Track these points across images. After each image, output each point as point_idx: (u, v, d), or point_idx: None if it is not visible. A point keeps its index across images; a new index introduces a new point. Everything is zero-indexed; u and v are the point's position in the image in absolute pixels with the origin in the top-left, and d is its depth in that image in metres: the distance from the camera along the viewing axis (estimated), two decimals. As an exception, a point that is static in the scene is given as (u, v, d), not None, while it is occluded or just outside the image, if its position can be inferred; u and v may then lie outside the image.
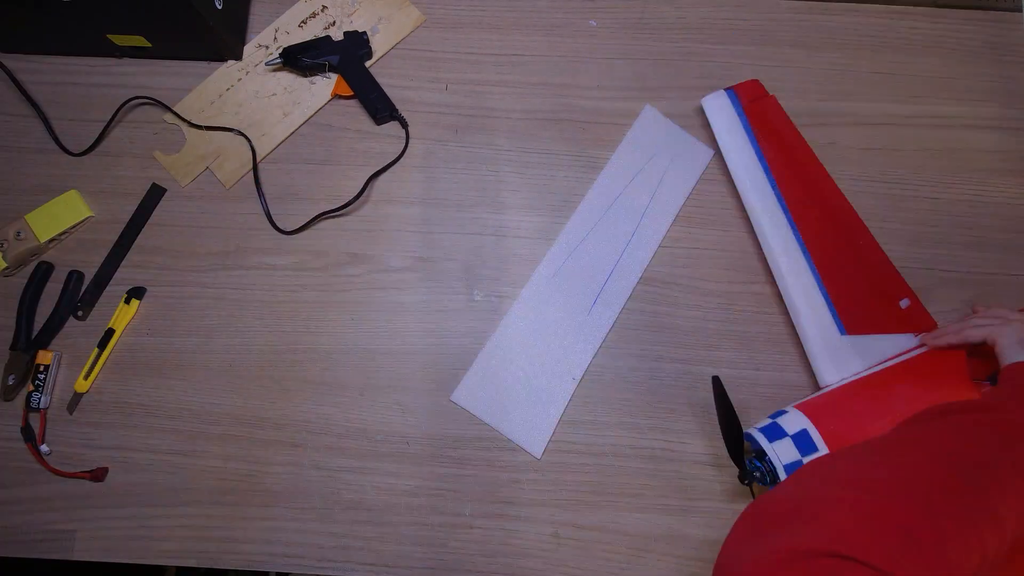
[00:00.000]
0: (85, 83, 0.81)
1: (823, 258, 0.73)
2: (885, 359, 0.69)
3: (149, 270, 0.77)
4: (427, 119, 0.81)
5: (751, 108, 0.77)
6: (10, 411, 0.73)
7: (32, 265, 0.77)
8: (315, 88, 0.81)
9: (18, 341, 0.74)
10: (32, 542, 0.71)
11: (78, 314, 0.76)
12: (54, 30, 0.76)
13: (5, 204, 0.78)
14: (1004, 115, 0.81)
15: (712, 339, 0.75)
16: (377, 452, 0.72)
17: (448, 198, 0.79)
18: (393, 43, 0.83)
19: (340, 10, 0.84)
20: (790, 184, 0.75)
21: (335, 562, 0.70)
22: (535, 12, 0.84)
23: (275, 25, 0.83)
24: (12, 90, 0.81)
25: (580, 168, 0.79)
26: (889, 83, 0.81)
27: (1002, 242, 0.77)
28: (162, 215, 0.79)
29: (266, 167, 0.79)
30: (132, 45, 0.79)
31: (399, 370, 0.74)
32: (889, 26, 0.83)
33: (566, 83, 0.82)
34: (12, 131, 0.81)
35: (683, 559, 0.69)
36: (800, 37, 0.83)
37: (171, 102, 0.81)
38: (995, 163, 0.79)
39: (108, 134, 0.80)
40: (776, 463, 0.62)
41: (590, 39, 0.83)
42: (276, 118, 0.80)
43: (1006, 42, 0.83)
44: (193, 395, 0.74)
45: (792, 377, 0.74)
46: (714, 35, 0.83)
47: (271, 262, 0.77)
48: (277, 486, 0.72)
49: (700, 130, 0.80)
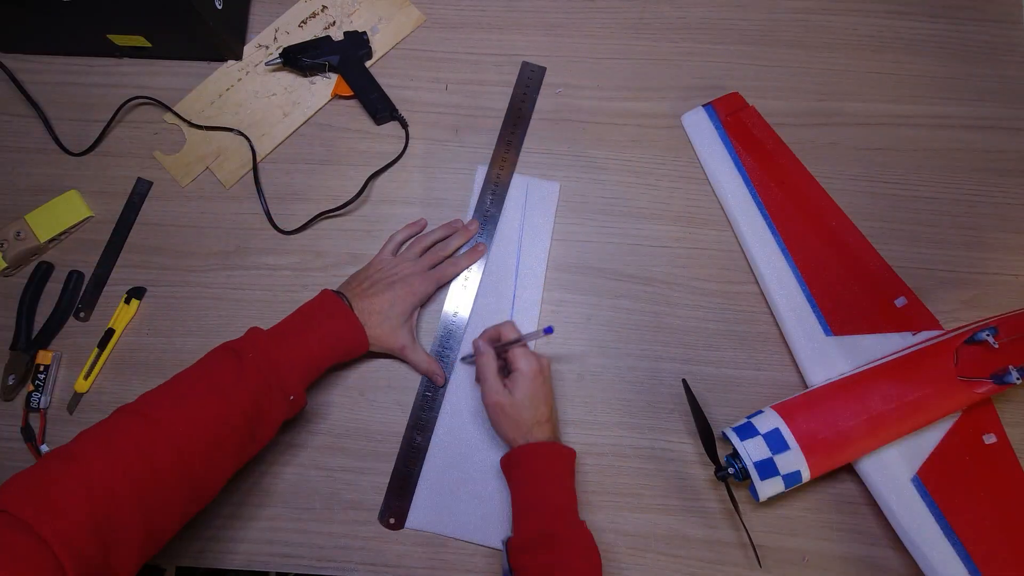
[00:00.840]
0: (85, 83, 0.81)
1: (807, 261, 0.73)
2: (875, 359, 0.69)
3: (149, 270, 0.77)
4: (427, 119, 0.81)
5: (730, 121, 0.78)
6: (10, 411, 0.73)
7: (32, 265, 0.77)
8: (315, 88, 0.81)
9: (18, 341, 0.74)
10: (32, 542, 0.71)
11: (79, 315, 0.76)
12: (54, 30, 0.76)
13: (5, 204, 0.79)
14: (1004, 115, 0.81)
15: (712, 339, 0.75)
16: (377, 452, 0.72)
17: (448, 198, 0.79)
18: (393, 43, 0.83)
19: (340, 10, 0.84)
20: (771, 192, 0.76)
21: (335, 562, 0.70)
22: (535, 12, 0.84)
23: (275, 25, 0.83)
24: (12, 90, 0.81)
25: (580, 168, 0.79)
26: (889, 83, 0.81)
27: (1002, 242, 0.77)
28: (162, 215, 0.79)
29: (266, 167, 0.79)
30: (132, 45, 0.79)
31: (399, 370, 0.74)
32: (889, 26, 0.83)
33: (566, 83, 0.82)
34: (12, 131, 0.81)
35: (683, 559, 0.69)
36: (800, 37, 0.83)
37: (171, 102, 0.81)
38: (995, 163, 0.79)
39: (108, 134, 0.80)
40: (747, 461, 0.63)
41: (590, 39, 0.83)
42: (276, 118, 0.80)
43: (1006, 42, 0.83)
44: (193, 395, 0.73)
45: (793, 377, 0.74)
46: (714, 35, 0.83)
47: (271, 262, 0.77)
48: (277, 486, 0.72)
49: (700, 130, 0.80)
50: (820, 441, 0.63)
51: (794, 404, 0.66)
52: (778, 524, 0.70)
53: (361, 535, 0.70)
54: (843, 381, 0.67)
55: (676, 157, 0.80)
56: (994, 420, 0.68)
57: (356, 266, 0.76)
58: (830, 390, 0.67)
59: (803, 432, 0.63)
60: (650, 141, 0.80)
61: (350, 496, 0.71)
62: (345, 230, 0.78)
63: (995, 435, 0.67)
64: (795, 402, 0.66)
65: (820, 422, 0.64)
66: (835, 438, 0.63)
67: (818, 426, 0.64)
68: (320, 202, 0.78)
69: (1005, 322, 0.67)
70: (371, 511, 0.71)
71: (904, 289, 0.73)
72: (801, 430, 0.63)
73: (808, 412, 0.65)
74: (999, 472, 0.66)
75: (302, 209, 0.78)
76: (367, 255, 0.77)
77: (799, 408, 0.65)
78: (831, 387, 0.67)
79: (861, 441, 0.64)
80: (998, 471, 0.66)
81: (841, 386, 0.67)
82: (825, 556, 0.69)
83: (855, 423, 0.64)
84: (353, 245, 0.77)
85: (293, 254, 0.77)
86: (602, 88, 0.82)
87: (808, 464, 0.63)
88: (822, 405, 0.65)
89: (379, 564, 0.70)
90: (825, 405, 0.65)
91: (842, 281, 0.73)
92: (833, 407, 0.65)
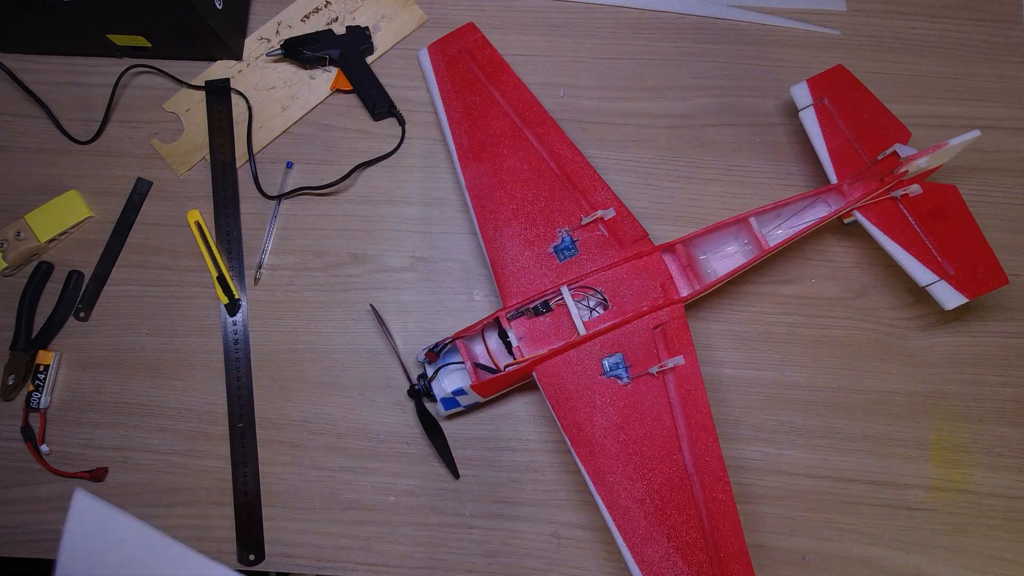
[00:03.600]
0: (85, 83, 0.81)
1: (486, 209, 0.72)
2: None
3: (149, 270, 0.77)
4: (427, 119, 0.81)
5: (452, 59, 0.77)
6: (10, 411, 0.73)
7: (32, 265, 0.77)
8: (314, 83, 0.81)
9: (18, 341, 0.74)
10: (32, 542, 0.71)
11: (79, 315, 0.76)
12: (54, 30, 0.76)
13: (5, 204, 0.78)
14: (1004, 115, 0.81)
15: (712, 339, 0.75)
16: (377, 452, 0.72)
17: (448, 198, 0.79)
18: (395, 42, 0.83)
19: (343, 6, 0.84)
20: (469, 136, 0.74)
21: (335, 562, 0.70)
22: (535, 12, 0.84)
23: (278, 19, 0.83)
24: (13, 90, 0.81)
25: (580, 168, 0.79)
26: (889, 83, 0.81)
27: (1002, 242, 0.77)
28: (162, 215, 0.79)
29: (264, 165, 0.79)
30: (132, 45, 0.79)
31: (399, 370, 0.74)
32: (889, 26, 0.83)
33: (566, 83, 0.82)
34: (12, 131, 0.81)
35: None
36: (800, 37, 0.83)
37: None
38: (995, 163, 0.79)
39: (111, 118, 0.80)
40: (436, 389, 0.68)
41: (590, 39, 0.83)
42: (275, 111, 0.80)
43: (1006, 42, 0.83)
44: (193, 395, 0.74)
45: (793, 377, 0.74)
46: (714, 35, 0.83)
47: (271, 262, 0.77)
48: (277, 486, 0.72)
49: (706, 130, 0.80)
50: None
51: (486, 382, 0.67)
52: (778, 524, 0.70)
53: (361, 535, 0.70)
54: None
55: (676, 157, 0.80)
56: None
57: (356, 266, 0.76)
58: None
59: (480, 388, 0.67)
60: (650, 141, 0.80)
61: (350, 496, 0.71)
62: (344, 229, 0.78)
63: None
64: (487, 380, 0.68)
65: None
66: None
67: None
68: (320, 201, 0.78)
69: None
70: (371, 511, 0.71)
71: (613, 198, 0.71)
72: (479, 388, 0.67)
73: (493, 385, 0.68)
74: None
75: (302, 208, 0.78)
76: (367, 255, 0.77)
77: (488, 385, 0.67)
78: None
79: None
80: None
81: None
82: (825, 556, 0.69)
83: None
84: (353, 245, 0.77)
85: (293, 254, 0.77)
86: (602, 88, 0.82)
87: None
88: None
89: (379, 564, 0.70)
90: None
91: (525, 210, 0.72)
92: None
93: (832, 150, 0.72)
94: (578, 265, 0.69)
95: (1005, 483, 0.72)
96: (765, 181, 0.79)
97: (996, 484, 0.72)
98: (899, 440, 0.73)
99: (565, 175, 0.72)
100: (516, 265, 0.69)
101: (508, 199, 0.71)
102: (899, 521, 0.71)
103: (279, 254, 0.77)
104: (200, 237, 0.76)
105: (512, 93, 0.76)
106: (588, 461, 0.64)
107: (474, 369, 0.67)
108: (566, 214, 0.71)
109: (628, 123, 0.81)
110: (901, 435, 0.73)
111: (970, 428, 0.73)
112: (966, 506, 0.71)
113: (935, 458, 0.72)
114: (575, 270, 0.68)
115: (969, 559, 0.70)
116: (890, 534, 0.70)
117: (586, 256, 0.69)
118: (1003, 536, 0.71)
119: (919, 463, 0.72)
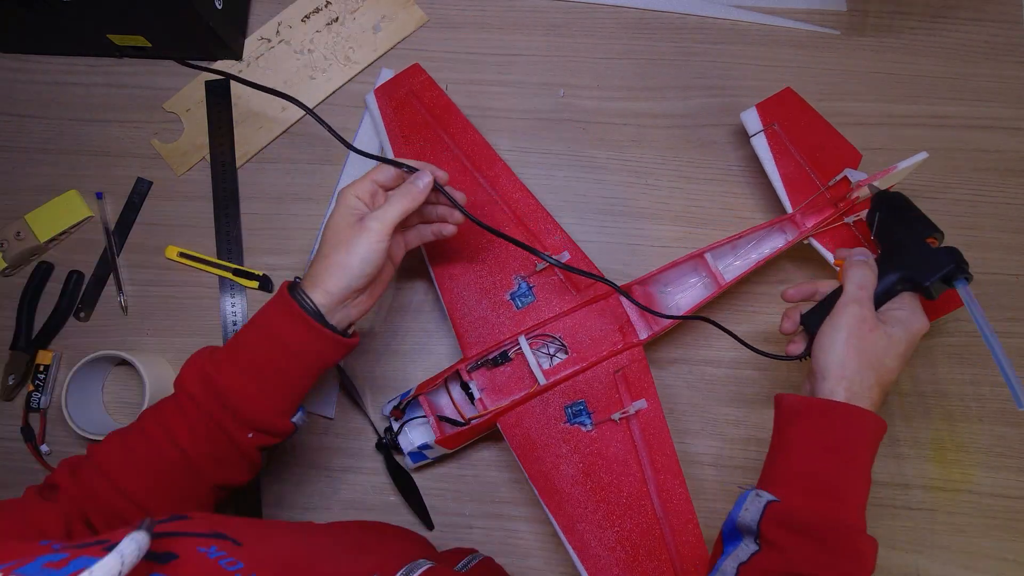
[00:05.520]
0: (85, 83, 0.81)
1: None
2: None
3: (150, 270, 0.77)
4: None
5: (400, 103, 0.75)
6: (10, 411, 0.73)
7: (32, 265, 0.77)
8: (314, 83, 0.81)
9: (18, 341, 0.74)
10: (32, 542, 0.71)
11: (79, 315, 0.76)
12: (54, 30, 0.76)
13: (5, 204, 0.78)
14: (1004, 115, 0.81)
15: (712, 339, 0.75)
16: (377, 452, 0.72)
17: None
18: (395, 42, 0.83)
19: (343, 5, 0.83)
20: None
21: (335, 562, 0.70)
22: (535, 12, 0.84)
23: (278, 19, 0.83)
24: (13, 90, 0.81)
25: (580, 168, 0.79)
26: (889, 83, 0.81)
27: (1002, 242, 0.77)
28: (162, 215, 0.79)
29: (264, 166, 0.79)
30: (132, 45, 0.79)
31: (399, 370, 0.74)
32: (889, 26, 0.83)
33: (566, 83, 0.82)
34: (12, 131, 0.81)
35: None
36: (800, 37, 0.83)
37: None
38: (995, 163, 0.79)
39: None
40: (402, 442, 0.68)
41: (590, 39, 0.83)
42: (274, 111, 0.80)
43: (1006, 42, 0.83)
44: (193, 395, 0.73)
45: (793, 377, 0.74)
46: (714, 35, 0.83)
47: (271, 262, 0.77)
48: (278, 486, 0.72)
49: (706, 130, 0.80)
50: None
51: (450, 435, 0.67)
52: (778, 524, 0.70)
53: (361, 535, 0.70)
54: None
55: (676, 157, 0.80)
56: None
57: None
58: None
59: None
60: (650, 141, 0.80)
61: (350, 496, 0.71)
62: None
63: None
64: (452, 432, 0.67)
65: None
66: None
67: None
68: (320, 201, 0.78)
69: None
70: (371, 511, 0.71)
71: (567, 241, 0.70)
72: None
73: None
74: None
75: (303, 209, 0.78)
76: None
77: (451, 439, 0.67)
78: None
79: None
80: None
81: None
82: (825, 556, 0.69)
83: None
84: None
85: (293, 254, 0.77)
86: (602, 88, 0.82)
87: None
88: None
89: (379, 564, 0.70)
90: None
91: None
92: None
93: (784, 175, 0.72)
94: (536, 311, 0.68)
95: (1005, 483, 0.72)
96: (765, 181, 0.79)
97: (996, 484, 0.72)
98: (899, 440, 0.73)
99: (518, 218, 0.71)
100: (474, 316, 0.68)
101: (463, 246, 0.70)
102: (899, 521, 0.71)
103: (279, 254, 0.77)
104: (190, 260, 0.76)
105: (461, 135, 0.73)
106: (557, 511, 0.63)
107: (438, 424, 0.66)
108: (521, 259, 0.69)
109: (628, 123, 0.81)
110: (901, 435, 0.73)
111: (970, 428, 0.73)
112: (966, 506, 0.71)
113: (935, 458, 0.72)
114: (533, 317, 0.68)
115: (969, 559, 0.70)
116: (890, 534, 0.70)
117: (543, 302, 0.68)
118: (1003, 536, 0.71)
119: (919, 463, 0.72)
